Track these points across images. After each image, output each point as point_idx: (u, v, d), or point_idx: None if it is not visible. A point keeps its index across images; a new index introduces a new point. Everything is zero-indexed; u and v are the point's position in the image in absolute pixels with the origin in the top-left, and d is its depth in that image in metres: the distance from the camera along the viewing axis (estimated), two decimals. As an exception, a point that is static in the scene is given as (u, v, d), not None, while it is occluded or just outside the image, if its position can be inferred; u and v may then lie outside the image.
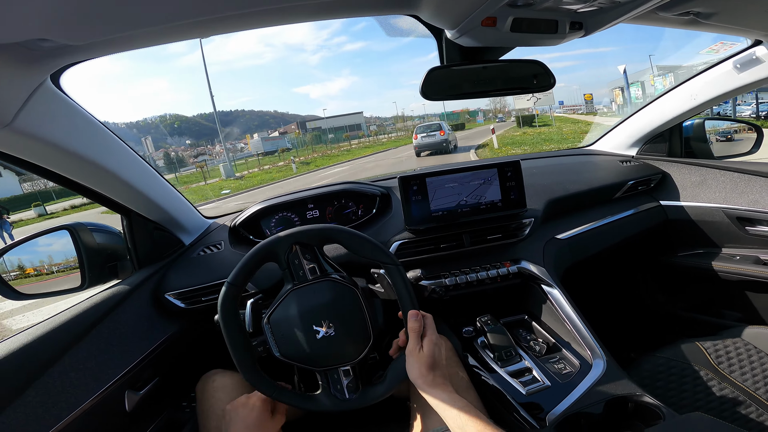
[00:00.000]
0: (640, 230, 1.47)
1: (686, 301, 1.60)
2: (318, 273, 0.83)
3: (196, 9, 0.52)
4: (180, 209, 1.19)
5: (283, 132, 70.76)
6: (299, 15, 0.64)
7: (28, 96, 0.64)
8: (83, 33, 0.53)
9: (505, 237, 1.21)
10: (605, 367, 0.91)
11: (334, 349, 0.78)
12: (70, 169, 0.84)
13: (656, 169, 1.55)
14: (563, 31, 0.67)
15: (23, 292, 1.01)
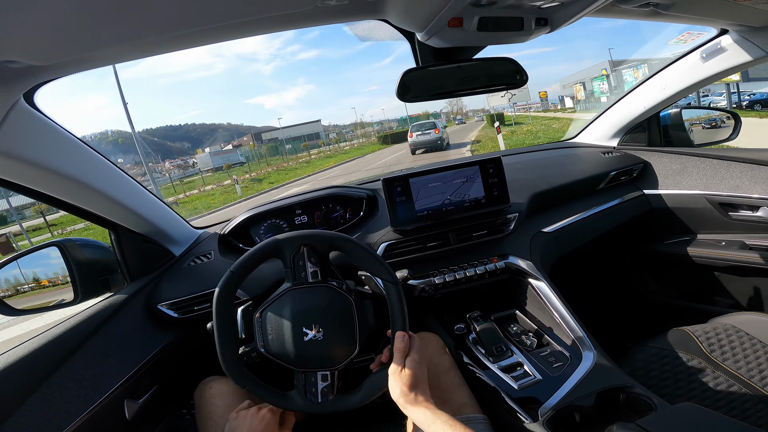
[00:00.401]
0: (625, 220, 1.49)
1: (675, 288, 1.61)
2: (319, 277, 0.84)
3: (160, 27, 0.53)
4: (167, 221, 1.20)
5: (237, 144, 67.17)
6: (271, 26, 0.65)
7: (2, 116, 0.65)
8: (50, 54, 0.54)
9: (490, 233, 1.22)
10: (595, 358, 0.91)
11: (318, 353, 0.79)
12: (53, 186, 0.85)
13: (637, 159, 1.57)
14: (529, 28, 0.69)
15: (17, 307, 1.02)
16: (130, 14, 0.48)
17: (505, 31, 0.70)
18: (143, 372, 1.00)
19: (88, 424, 0.83)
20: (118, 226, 1.07)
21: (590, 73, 37.00)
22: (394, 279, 0.81)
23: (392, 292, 0.81)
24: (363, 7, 0.68)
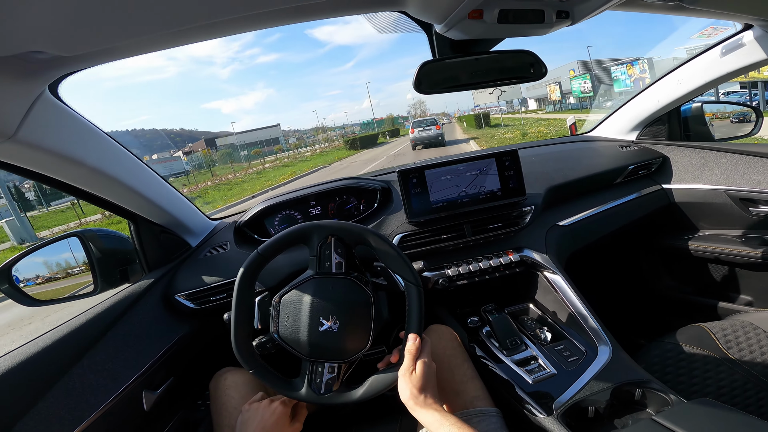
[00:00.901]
0: (642, 214, 1.47)
1: (693, 284, 1.59)
2: (343, 269, 0.84)
3: (185, 17, 0.54)
4: (185, 212, 1.22)
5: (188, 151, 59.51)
6: (289, 17, 0.65)
7: (28, 107, 0.66)
8: (76, 44, 0.54)
9: (506, 226, 1.22)
10: (611, 353, 0.91)
11: (331, 345, 0.79)
12: (76, 177, 0.86)
13: (657, 153, 1.55)
14: (550, 21, 0.67)
15: (37, 298, 1.04)
16: (156, 5, 0.49)
17: (526, 24, 0.68)
18: (160, 363, 1.01)
19: (108, 415, 0.84)
20: (137, 217, 1.09)
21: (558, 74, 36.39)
22: (416, 281, 0.81)
23: (413, 294, 0.81)
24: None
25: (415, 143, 18.97)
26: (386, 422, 0.97)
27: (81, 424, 0.78)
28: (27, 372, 0.77)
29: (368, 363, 0.88)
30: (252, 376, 0.83)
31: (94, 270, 1.08)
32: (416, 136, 18.82)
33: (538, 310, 1.19)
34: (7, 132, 0.63)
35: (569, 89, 31.19)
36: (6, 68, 0.57)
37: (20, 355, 0.78)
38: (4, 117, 0.62)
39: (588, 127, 1.86)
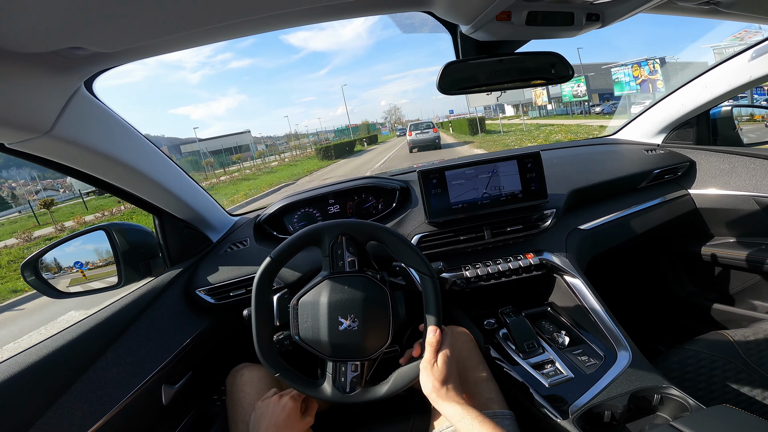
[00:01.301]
0: (667, 220, 1.44)
1: (716, 291, 1.55)
2: (356, 267, 0.85)
3: (220, 14, 0.55)
4: (207, 208, 1.24)
5: None
6: (319, 16, 0.66)
7: (65, 103, 0.68)
8: (114, 41, 0.56)
9: (525, 228, 1.21)
10: (631, 359, 0.89)
11: (352, 343, 0.79)
12: (107, 172, 0.88)
13: (683, 158, 1.51)
14: (579, 23, 0.67)
15: (63, 290, 1.06)
16: (194, 2, 0.50)
17: (554, 26, 0.68)
18: (180, 357, 1.02)
19: (128, 408, 0.85)
20: (162, 212, 1.11)
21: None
22: (431, 272, 0.81)
23: (428, 285, 0.81)
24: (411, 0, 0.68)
25: (413, 146, 19.45)
26: (398, 422, 0.97)
27: (102, 417, 0.79)
28: (53, 365, 0.79)
29: (389, 361, 0.88)
30: (268, 372, 0.83)
31: (119, 263, 1.10)
32: (414, 138, 19.30)
33: (556, 313, 1.17)
34: (44, 127, 0.65)
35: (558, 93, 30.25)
36: (46, 64, 0.59)
37: (46, 348, 0.80)
38: (41, 112, 0.64)
39: (611, 131, 1.83)
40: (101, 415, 0.80)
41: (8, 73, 0.55)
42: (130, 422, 0.88)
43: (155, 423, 0.98)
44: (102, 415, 0.80)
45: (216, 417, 1.18)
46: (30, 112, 0.62)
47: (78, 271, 1.15)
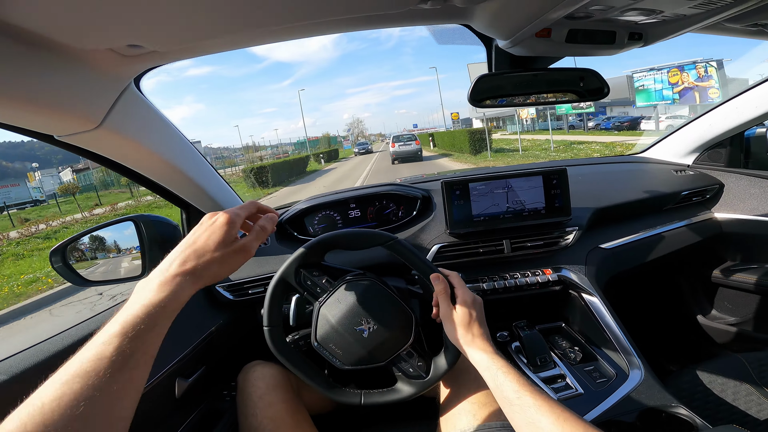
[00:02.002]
0: (691, 243, 1.41)
1: (735, 315, 1.52)
2: (332, 281, 0.84)
3: (271, 19, 0.57)
4: (231, 204, 1.25)
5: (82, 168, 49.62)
6: (365, 24, 0.67)
7: (116, 99, 0.70)
8: (170, 40, 0.58)
9: (546, 245, 1.20)
10: (642, 377, 0.90)
11: (385, 339, 0.78)
12: (147, 167, 0.91)
13: (713, 180, 1.48)
14: (621, 42, 0.66)
15: (88, 278, 1.09)
16: (247, 5, 0.51)
17: (595, 44, 0.68)
18: (196, 352, 1.03)
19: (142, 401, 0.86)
20: (190, 207, 1.13)
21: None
22: (389, 237, 0.82)
23: (397, 247, 0.81)
24: (452, 12, 0.68)
25: (395, 157, 19.79)
26: (404, 427, 0.97)
27: None
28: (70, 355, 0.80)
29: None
30: (280, 368, 0.84)
31: (144, 254, 1.12)
32: (396, 150, 19.74)
33: (570, 329, 1.17)
34: (94, 121, 0.67)
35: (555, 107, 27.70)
36: (102, 60, 0.61)
37: (70, 338, 0.82)
38: (93, 107, 0.66)
39: (639, 148, 1.80)
40: None
41: (67, 67, 0.58)
42: (144, 414, 0.88)
43: (166, 416, 0.99)
44: None
45: (224, 413, 1.19)
46: (83, 106, 0.64)
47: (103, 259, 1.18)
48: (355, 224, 1.40)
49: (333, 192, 1.45)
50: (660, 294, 1.75)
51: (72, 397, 0.42)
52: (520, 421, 0.60)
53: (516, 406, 0.60)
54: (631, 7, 0.54)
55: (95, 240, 1.19)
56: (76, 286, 1.09)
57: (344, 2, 0.56)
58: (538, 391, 0.60)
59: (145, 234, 1.12)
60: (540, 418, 0.57)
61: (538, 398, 0.59)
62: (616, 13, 0.58)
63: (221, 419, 1.17)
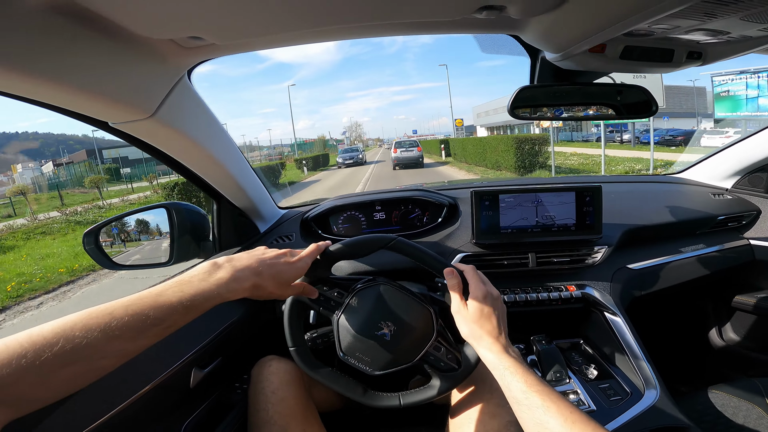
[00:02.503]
0: (721, 268, 1.37)
1: (755, 341, 1.50)
2: (343, 292, 0.84)
3: (330, 18, 0.57)
4: (261, 198, 1.27)
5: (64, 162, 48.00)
6: (418, 29, 0.67)
7: (170, 89, 0.72)
8: (230, 34, 0.59)
9: (573, 261, 1.18)
10: (657, 397, 0.90)
11: (408, 337, 0.78)
12: (190, 158, 0.93)
13: (751, 206, 1.44)
14: (678, 61, 0.65)
15: (118, 262, 1.10)
16: (311, 4, 0.52)
17: (650, 62, 0.66)
18: (214, 342, 1.04)
19: (157, 389, 0.86)
20: (222, 198, 1.14)
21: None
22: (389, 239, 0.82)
23: (400, 248, 0.81)
24: (505, 23, 0.68)
25: (397, 163, 19.65)
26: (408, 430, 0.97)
27: (134, 395, 0.80)
28: None
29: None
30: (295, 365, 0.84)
31: (173, 242, 1.14)
32: (398, 156, 19.62)
33: (588, 347, 1.15)
34: (149, 110, 0.69)
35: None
36: (162, 50, 0.62)
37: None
38: (149, 96, 0.68)
39: (677, 168, 1.75)
40: (132, 393, 0.80)
41: (130, 55, 0.59)
42: (156, 401, 0.88)
43: (179, 404, 0.99)
44: (134, 393, 0.81)
45: (234, 405, 1.19)
46: (139, 95, 0.66)
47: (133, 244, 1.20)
48: (379, 227, 1.40)
49: (359, 193, 1.46)
50: (680, 314, 1.72)
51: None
52: (528, 421, 0.59)
53: (524, 406, 0.60)
54: (697, 28, 0.53)
55: (127, 224, 1.22)
56: (105, 268, 1.11)
57: (404, 7, 0.56)
58: (547, 392, 0.59)
59: (176, 221, 1.14)
60: (548, 419, 0.56)
61: (547, 399, 0.58)
62: (680, 32, 0.56)
63: (231, 411, 1.17)
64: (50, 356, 0.46)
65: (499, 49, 0.87)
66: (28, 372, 0.44)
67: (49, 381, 0.46)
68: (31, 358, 0.45)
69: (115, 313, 0.52)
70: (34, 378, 0.45)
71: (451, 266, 0.77)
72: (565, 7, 0.56)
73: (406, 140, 21.82)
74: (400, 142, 20.97)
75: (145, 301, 0.54)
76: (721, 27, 0.52)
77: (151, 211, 1.18)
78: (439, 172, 17.74)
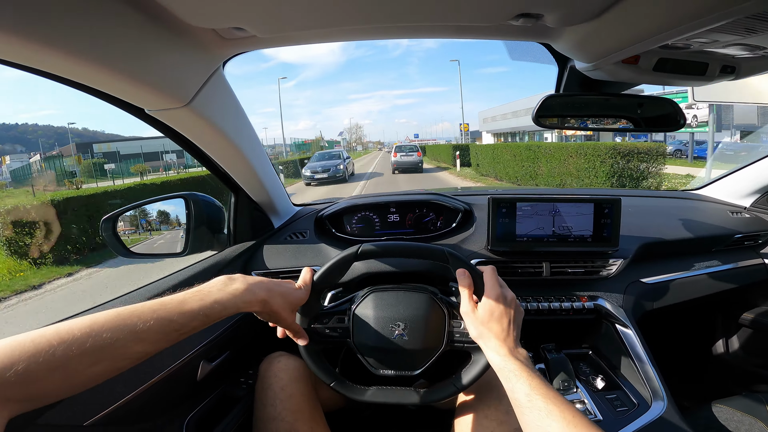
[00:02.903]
0: (735, 286, 1.37)
1: (763, 358, 1.51)
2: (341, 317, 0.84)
3: (369, 16, 0.58)
4: (277, 193, 1.27)
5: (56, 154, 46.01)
6: (452, 33, 0.68)
7: (206, 79, 0.72)
8: (272, 26, 0.59)
9: (587, 273, 1.18)
10: (664, 409, 0.91)
11: (425, 326, 0.79)
12: (216, 149, 0.93)
13: None
14: (712, 74, 0.65)
15: (133, 251, 1.10)
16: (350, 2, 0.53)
17: (683, 74, 0.66)
18: (223, 336, 1.05)
19: (165, 381, 0.87)
20: (240, 191, 1.15)
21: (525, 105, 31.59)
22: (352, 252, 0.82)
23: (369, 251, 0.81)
24: (538, 31, 0.68)
25: (396, 167, 19.76)
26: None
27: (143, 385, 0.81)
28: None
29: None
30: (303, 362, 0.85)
31: (188, 233, 1.14)
32: (398, 160, 19.73)
33: (597, 358, 1.16)
34: (185, 98, 0.69)
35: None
36: (203, 39, 0.63)
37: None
38: (186, 85, 0.68)
39: (696, 183, 1.74)
40: (141, 384, 0.81)
41: (171, 42, 0.60)
42: (165, 392, 0.89)
43: (185, 396, 0.99)
44: (142, 384, 0.81)
45: (240, 400, 1.19)
46: (177, 83, 0.67)
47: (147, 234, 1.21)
48: (393, 229, 1.40)
49: (375, 194, 1.46)
50: (688, 328, 1.72)
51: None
52: (530, 425, 0.59)
53: (526, 409, 0.60)
54: (735, 43, 0.53)
55: (146, 213, 1.22)
56: (120, 256, 1.11)
57: (444, 10, 0.56)
58: (550, 396, 0.59)
59: (194, 213, 1.14)
60: (549, 423, 0.56)
61: (550, 402, 0.58)
62: (717, 47, 0.56)
63: (236, 405, 1.17)
64: (77, 354, 0.46)
65: (529, 56, 0.88)
66: (56, 370, 0.45)
67: (72, 379, 0.47)
68: (59, 357, 0.45)
69: (143, 316, 0.54)
70: (60, 375, 0.45)
71: (471, 268, 0.77)
72: (604, 17, 0.57)
73: (407, 144, 21.92)
74: (401, 146, 21.08)
75: (169, 307, 0.58)
76: (758, 42, 0.52)
77: (169, 200, 1.18)
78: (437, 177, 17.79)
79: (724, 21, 0.46)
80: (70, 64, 0.52)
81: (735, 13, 0.43)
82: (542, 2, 0.55)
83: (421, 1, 0.55)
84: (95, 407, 0.73)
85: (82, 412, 0.71)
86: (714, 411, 1.01)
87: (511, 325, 0.71)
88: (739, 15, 0.43)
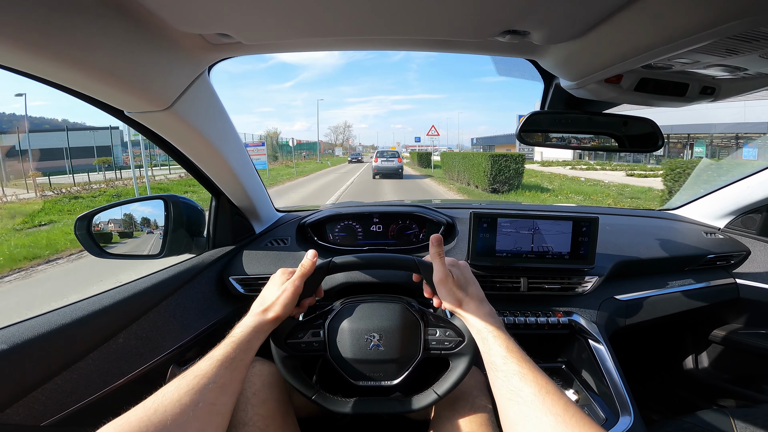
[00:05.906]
0: (705, 304, 1.40)
1: (730, 373, 1.55)
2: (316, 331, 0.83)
3: (354, 28, 0.58)
4: (260, 199, 1.25)
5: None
6: (434, 47, 0.69)
7: (189, 84, 0.71)
8: (259, 34, 0.59)
9: (563, 289, 1.20)
10: (630, 424, 0.92)
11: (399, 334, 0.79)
12: (197, 153, 0.91)
13: (741, 246, 1.48)
14: (692, 95, 0.67)
15: (107, 251, 1.07)
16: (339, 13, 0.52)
17: (663, 95, 0.68)
18: (197, 341, 1.02)
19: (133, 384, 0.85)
20: (222, 195, 1.13)
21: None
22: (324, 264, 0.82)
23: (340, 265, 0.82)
24: (525, 48, 0.69)
25: (377, 172, 20.10)
26: None
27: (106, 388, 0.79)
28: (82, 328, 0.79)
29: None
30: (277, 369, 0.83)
31: (166, 235, 1.11)
32: (379, 165, 20.14)
33: (570, 372, 1.17)
34: (166, 102, 0.68)
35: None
36: (188, 43, 0.62)
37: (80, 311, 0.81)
38: (168, 88, 0.67)
39: (674, 204, 1.79)
40: (105, 386, 0.79)
41: (155, 45, 0.59)
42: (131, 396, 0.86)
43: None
44: (106, 386, 0.79)
45: None
46: (159, 86, 0.65)
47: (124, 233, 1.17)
48: (375, 239, 1.39)
49: (358, 203, 1.45)
50: (659, 344, 1.76)
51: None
52: (502, 389, 0.60)
53: (501, 372, 0.61)
54: (716, 64, 0.55)
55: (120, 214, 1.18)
56: (94, 256, 1.08)
57: (431, 25, 0.57)
58: (525, 359, 0.61)
59: (173, 215, 1.11)
60: (522, 387, 0.57)
61: (524, 366, 0.59)
62: (699, 67, 0.58)
63: None
64: None
65: (516, 72, 0.89)
66: None
67: None
68: None
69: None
70: None
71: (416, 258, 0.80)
72: (589, 36, 0.58)
73: (388, 150, 22.19)
74: (382, 152, 21.40)
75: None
76: (739, 63, 0.54)
77: (148, 201, 1.15)
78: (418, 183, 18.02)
79: (707, 42, 0.47)
80: (49, 65, 0.51)
81: (718, 33, 0.44)
82: (529, 20, 0.56)
83: (408, 15, 0.55)
84: (53, 408, 0.71)
85: (40, 413, 0.69)
86: (679, 425, 1.03)
87: (480, 288, 0.75)
88: (721, 36, 0.44)
